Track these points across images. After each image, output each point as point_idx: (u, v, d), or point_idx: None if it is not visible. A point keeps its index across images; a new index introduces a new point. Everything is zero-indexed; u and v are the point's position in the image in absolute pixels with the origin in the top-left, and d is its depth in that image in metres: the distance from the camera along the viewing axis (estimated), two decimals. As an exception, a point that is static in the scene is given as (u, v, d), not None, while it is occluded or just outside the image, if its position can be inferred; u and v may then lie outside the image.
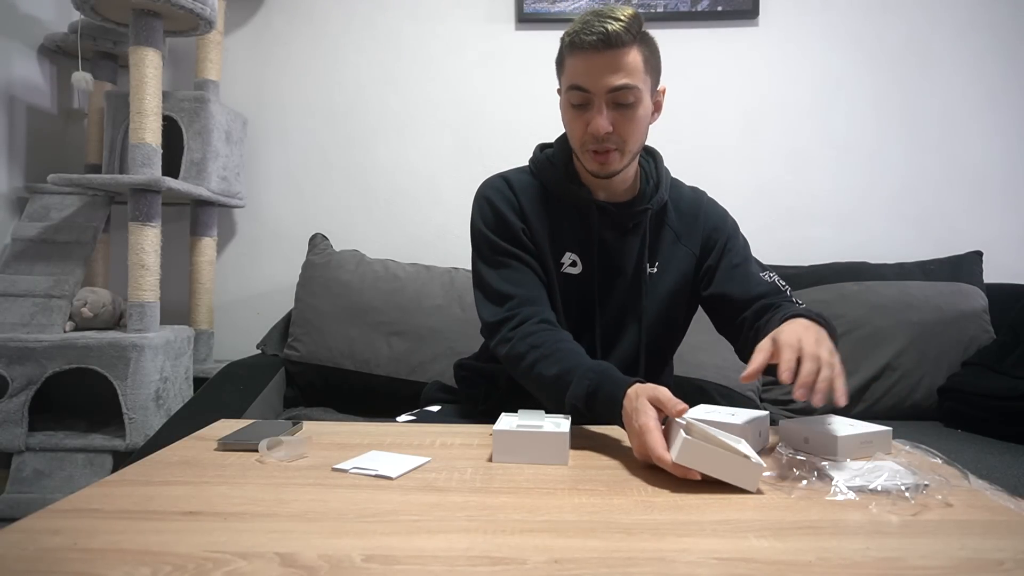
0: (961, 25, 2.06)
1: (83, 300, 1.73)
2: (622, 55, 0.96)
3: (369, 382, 1.72)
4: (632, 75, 0.98)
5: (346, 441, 0.89)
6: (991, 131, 2.06)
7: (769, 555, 0.55)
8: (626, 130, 1.00)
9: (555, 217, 1.10)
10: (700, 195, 1.20)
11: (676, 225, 1.14)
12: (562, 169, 1.11)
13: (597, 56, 0.96)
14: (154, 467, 0.78)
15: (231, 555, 0.53)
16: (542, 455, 0.80)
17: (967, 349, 1.72)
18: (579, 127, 1.01)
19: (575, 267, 1.10)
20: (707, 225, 1.15)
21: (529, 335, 0.99)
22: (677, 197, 1.16)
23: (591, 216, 1.08)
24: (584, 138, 1.01)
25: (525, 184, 1.12)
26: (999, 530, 0.61)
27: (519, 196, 1.11)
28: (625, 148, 1.02)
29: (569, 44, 0.99)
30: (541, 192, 1.11)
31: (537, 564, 0.53)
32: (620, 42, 0.95)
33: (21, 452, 1.62)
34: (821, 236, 2.07)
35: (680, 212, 1.15)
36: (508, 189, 1.11)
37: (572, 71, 1.00)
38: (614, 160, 1.02)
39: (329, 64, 2.15)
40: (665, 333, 1.17)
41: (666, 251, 1.13)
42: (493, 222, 1.09)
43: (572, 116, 1.03)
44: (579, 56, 0.98)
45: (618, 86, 0.97)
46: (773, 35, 2.09)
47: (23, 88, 1.99)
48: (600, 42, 0.95)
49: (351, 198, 2.15)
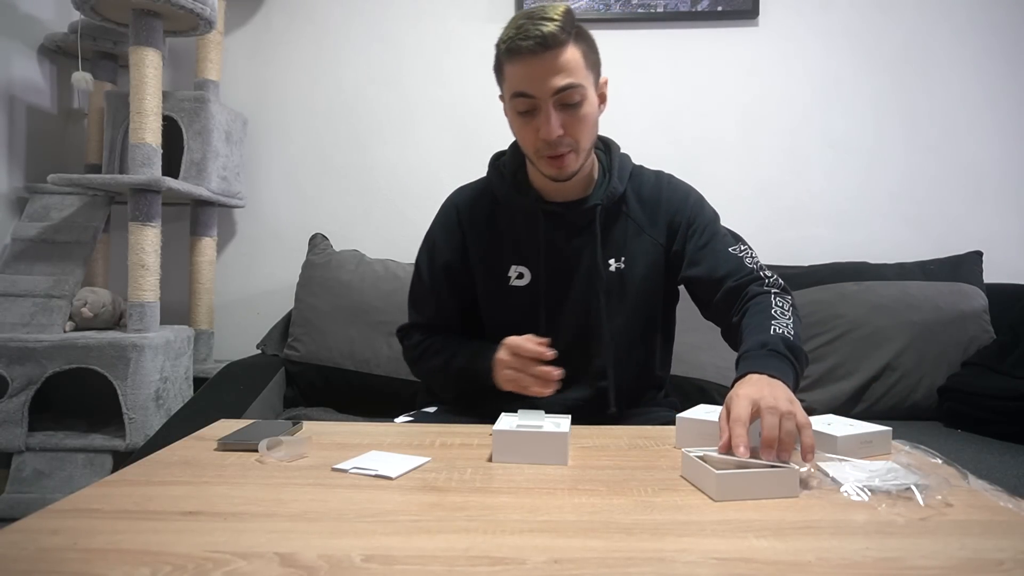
0: (960, 25, 2.06)
1: (83, 300, 1.73)
2: (561, 55, 0.95)
3: (369, 382, 1.72)
4: (574, 74, 0.97)
5: (346, 441, 0.89)
6: (991, 130, 2.06)
7: (769, 555, 0.55)
8: (577, 130, 1.00)
9: (503, 230, 1.12)
10: (661, 179, 1.16)
11: (638, 216, 1.11)
12: (510, 179, 1.12)
13: (536, 60, 0.95)
14: (154, 467, 0.78)
15: (231, 555, 0.53)
16: (542, 455, 0.80)
17: (967, 349, 1.72)
18: (530, 134, 1.01)
19: (522, 279, 1.10)
20: (669, 210, 1.12)
21: (419, 344, 1.14)
22: (638, 186, 1.14)
23: (537, 222, 1.08)
24: (537, 144, 1.00)
25: (475, 200, 1.15)
26: (999, 530, 0.61)
27: (465, 216, 1.14)
28: (579, 148, 1.02)
29: (506, 51, 0.97)
30: (491, 206, 1.13)
31: (537, 564, 0.53)
32: (557, 42, 0.94)
33: (21, 452, 1.62)
34: (821, 236, 2.07)
35: (642, 201, 1.12)
36: (455, 217, 1.15)
37: (513, 78, 0.98)
38: (570, 162, 1.02)
39: (329, 64, 2.15)
40: (645, 329, 1.13)
41: (630, 244, 1.10)
42: (428, 256, 1.18)
43: (521, 124, 1.01)
44: (518, 62, 0.97)
45: (562, 87, 0.96)
46: (773, 35, 2.09)
47: (23, 88, 1.99)
48: (538, 46, 0.94)
49: (351, 198, 2.15)
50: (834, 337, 1.74)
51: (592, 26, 2.13)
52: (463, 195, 1.18)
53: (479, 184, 1.18)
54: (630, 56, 2.09)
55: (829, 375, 1.71)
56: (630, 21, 2.08)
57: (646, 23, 2.09)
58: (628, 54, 2.09)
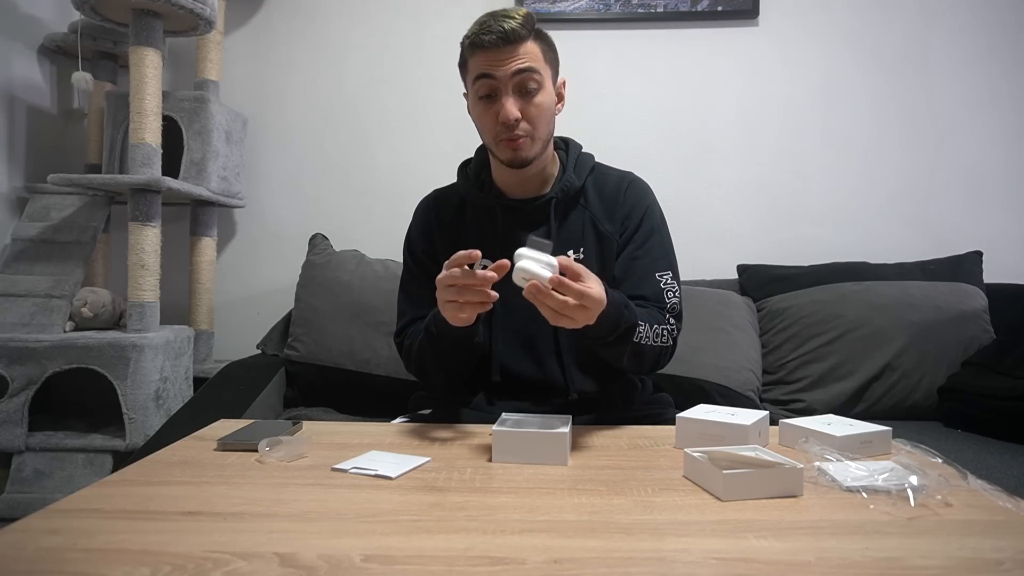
0: (960, 25, 2.06)
1: (83, 300, 1.73)
2: (521, 47, 1.03)
3: (369, 382, 1.72)
4: (533, 62, 1.04)
5: (346, 441, 0.89)
6: (991, 131, 2.06)
7: (769, 555, 0.55)
8: (533, 116, 1.05)
9: (468, 227, 1.18)
10: (625, 179, 1.20)
11: (596, 209, 1.15)
12: (474, 179, 1.19)
13: (498, 52, 1.03)
14: (154, 467, 0.78)
15: (231, 555, 0.53)
16: (542, 455, 0.80)
17: (967, 349, 1.72)
18: (490, 119, 1.06)
19: None
20: (625, 208, 1.16)
21: (410, 335, 1.15)
22: (601, 182, 1.18)
23: (496, 217, 1.14)
24: (496, 128, 1.06)
25: (447, 200, 1.22)
26: (998, 530, 0.61)
27: (436, 214, 1.21)
28: (535, 135, 1.07)
29: (470, 45, 1.06)
30: (458, 205, 1.20)
31: (537, 564, 0.53)
32: (518, 37, 1.02)
33: (21, 452, 1.62)
34: (821, 236, 2.07)
35: (602, 196, 1.16)
36: (428, 209, 1.23)
37: (475, 66, 1.06)
38: (526, 146, 1.06)
39: (329, 64, 2.15)
40: None
41: (588, 237, 1.14)
42: (408, 247, 1.23)
43: (482, 109, 1.08)
44: (480, 54, 1.04)
45: (521, 68, 1.03)
46: (773, 35, 2.09)
47: (23, 88, 1.99)
48: (500, 39, 1.02)
49: (351, 198, 2.15)
50: (834, 337, 1.74)
51: (592, 26, 2.16)
52: (433, 196, 1.26)
53: (448, 187, 1.25)
54: (630, 56, 2.09)
55: (829, 375, 1.71)
56: (630, 21, 2.08)
57: (646, 23, 2.09)
58: (628, 54, 2.09)
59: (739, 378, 1.69)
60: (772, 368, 1.79)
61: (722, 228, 2.08)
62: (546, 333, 1.10)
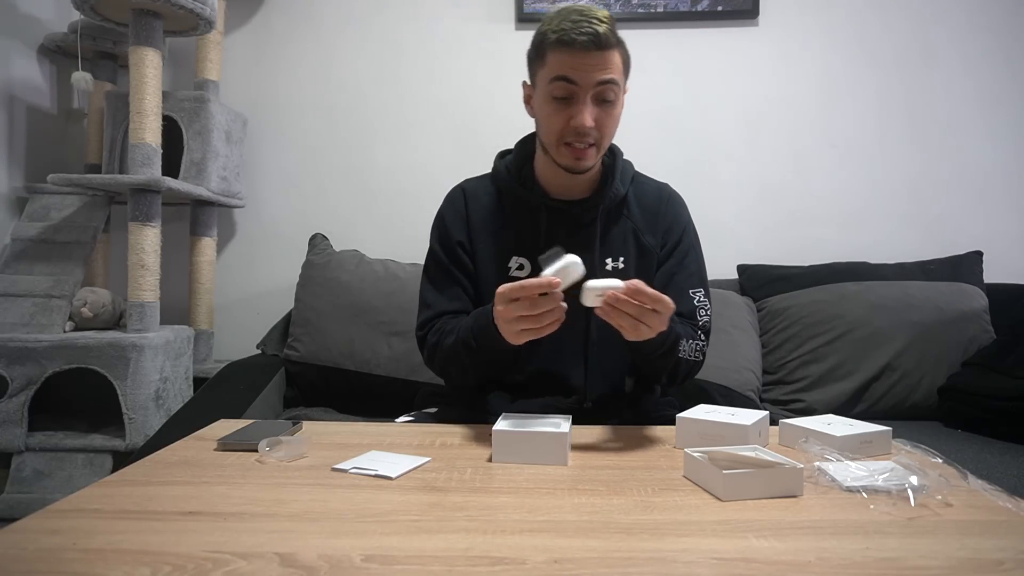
0: (961, 25, 2.06)
1: (83, 300, 1.73)
2: (609, 55, 1.00)
3: (369, 382, 1.72)
4: (616, 72, 1.02)
5: (346, 441, 0.89)
6: (992, 131, 2.06)
7: (769, 555, 0.55)
8: (606, 126, 1.03)
9: (506, 223, 1.14)
10: (664, 191, 1.20)
11: (638, 220, 1.15)
12: (516, 175, 1.14)
13: (587, 55, 0.99)
14: (154, 467, 0.78)
15: (231, 555, 0.53)
16: (542, 455, 0.80)
17: (967, 349, 1.72)
18: (560, 120, 1.02)
19: (522, 270, 1.11)
20: (665, 222, 1.16)
21: (437, 332, 1.10)
22: (641, 192, 1.17)
23: (540, 217, 1.11)
24: (564, 131, 1.03)
25: (481, 191, 1.18)
26: (998, 530, 0.61)
27: (470, 205, 1.16)
28: (602, 144, 1.05)
29: (557, 41, 1.00)
30: (496, 199, 1.16)
31: (537, 564, 0.53)
32: (608, 44, 0.99)
33: (21, 452, 1.62)
34: (822, 236, 2.07)
35: (643, 207, 1.16)
36: (462, 200, 1.18)
37: (558, 64, 1.01)
38: (590, 156, 1.04)
39: (329, 64, 2.15)
40: None
41: (629, 246, 1.13)
42: (439, 236, 1.17)
43: (553, 108, 1.03)
44: (567, 52, 0.99)
45: (605, 80, 1.00)
46: (773, 35, 2.09)
47: (23, 88, 1.99)
48: (591, 42, 0.98)
49: (351, 198, 2.15)
50: (834, 337, 1.74)
51: (592, 26, 2.15)
52: (469, 184, 1.21)
53: (479, 179, 1.21)
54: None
55: (829, 375, 1.71)
56: (630, 21, 2.08)
57: (646, 23, 2.09)
58: (628, 54, 2.09)
59: (739, 378, 1.69)
60: (772, 368, 1.79)
61: (722, 228, 2.07)
62: (576, 332, 1.09)
